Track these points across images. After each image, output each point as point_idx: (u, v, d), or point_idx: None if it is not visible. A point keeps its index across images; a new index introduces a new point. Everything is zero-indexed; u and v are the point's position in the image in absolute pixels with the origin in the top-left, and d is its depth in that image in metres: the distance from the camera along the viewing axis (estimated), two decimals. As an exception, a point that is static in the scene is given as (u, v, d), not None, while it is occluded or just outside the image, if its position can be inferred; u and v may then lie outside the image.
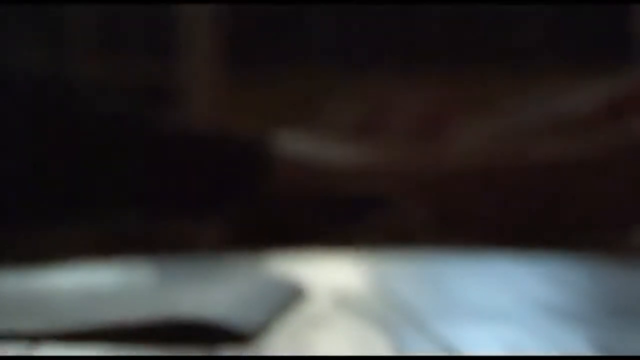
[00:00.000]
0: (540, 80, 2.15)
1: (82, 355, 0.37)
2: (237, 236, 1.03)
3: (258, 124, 1.54)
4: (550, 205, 1.03)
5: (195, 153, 1.08)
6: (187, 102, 2.72)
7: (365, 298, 0.71)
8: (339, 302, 0.68)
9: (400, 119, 1.21)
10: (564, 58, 2.82)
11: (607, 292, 0.77)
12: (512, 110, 1.20)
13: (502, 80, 2.46)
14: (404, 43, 3.14)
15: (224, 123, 2.17)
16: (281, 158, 1.03)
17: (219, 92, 2.78)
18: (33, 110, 1.29)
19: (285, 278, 0.73)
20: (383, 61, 2.83)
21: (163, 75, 2.83)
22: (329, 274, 0.83)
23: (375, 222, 1.04)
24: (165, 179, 1.05)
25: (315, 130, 1.16)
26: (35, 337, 0.50)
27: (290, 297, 0.65)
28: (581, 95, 1.10)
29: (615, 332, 0.54)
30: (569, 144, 1.05)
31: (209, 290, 0.66)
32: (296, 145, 1.06)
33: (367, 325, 0.56)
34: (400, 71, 2.53)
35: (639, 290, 0.77)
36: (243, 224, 1.04)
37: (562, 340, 0.51)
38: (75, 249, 1.07)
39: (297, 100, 2.43)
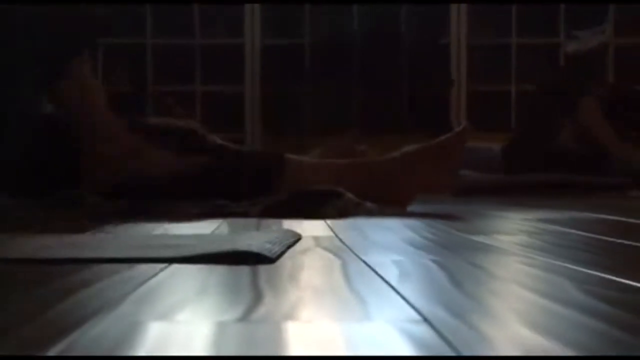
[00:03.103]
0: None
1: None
2: (267, 211, 1.40)
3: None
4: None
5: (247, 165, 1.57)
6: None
7: (328, 240, 1.00)
8: (315, 242, 0.98)
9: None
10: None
11: (437, 236, 1.05)
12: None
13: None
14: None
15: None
16: (288, 171, 1.51)
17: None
18: None
19: (291, 230, 1.05)
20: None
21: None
22: (311, 229, 1.15)
23: (333, 204, 1.42)
24: (236, 183, 1.51)
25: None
26: (169, 260, 0.75)
27: (293, 239, 0.95)
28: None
29: (440, 255, 0.85)
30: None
31: (254, 236, 0.94)
32: (295, 164, 1.56)
33: (328, 253, 0.87)
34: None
35: (452, 236, 1.06)
36: (270, 205, 1.43)
37: (418, 257, 0.82)
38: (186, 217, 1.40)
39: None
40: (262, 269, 0.72)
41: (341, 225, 1.24)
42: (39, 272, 0.71)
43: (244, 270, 0.71)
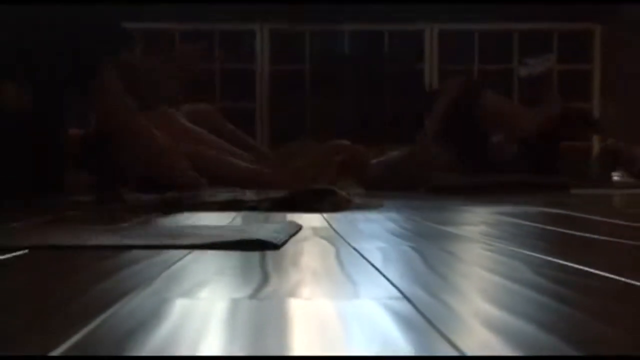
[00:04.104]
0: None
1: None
2: (274, 206, 1.39)
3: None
4: None
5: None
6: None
7: (324, 230, 1.00)
8: (313, 231, 0.98)
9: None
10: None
11: (414, 227, 1.04)
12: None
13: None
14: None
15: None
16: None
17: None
18: None
19: (293, 222, 1.05)
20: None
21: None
22: (310, 221, 1.15)
23: (328, 200, 1.42)
24: None
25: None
26: (192, 247, 0.76)
27: (295, 229, 0.96)
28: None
29: (417, 242, 0.84)
30: None
31: (263, 227, 0.95)
32: None
33: (324, 241, 0.87)
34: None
35: (426, 227, 1.04)
36: (276, 201, 1.42)
37: (398, 244, 0.82)
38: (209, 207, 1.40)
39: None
40: (269, 254, 0.72)
41: (335, 218, 1.24)
42: (84, 257, 0.71)
43: (254, 255, 0.71)
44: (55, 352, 0.33)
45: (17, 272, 0.63)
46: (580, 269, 0.61)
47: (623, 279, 0.56)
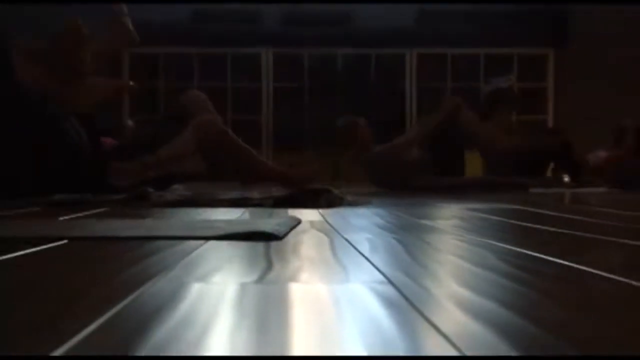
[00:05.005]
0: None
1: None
2: (277, 203, 1.38)
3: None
4: None
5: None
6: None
7: (320, 224, 1.00)
8: (311, 225, 0.98)
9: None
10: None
11: (396, 220, 1.03)
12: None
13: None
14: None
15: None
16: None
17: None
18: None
19: (294, 217, 1.04)
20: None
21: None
22: (308, 216, 1.15)
23: (324, 198, 1.41)
24: None
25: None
26: (206, 238, 0.75)
27: (295, 223, 0.95)
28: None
29: (399, 234, 0.85)
30: None
31: (268, 221, 0.94)
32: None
33: (320, 233, 0.87)
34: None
35: (407, 220, 1.03)
36: (279, 198, 1.40)
37: (383, 236, 0.81)
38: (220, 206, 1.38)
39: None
40: (273, 244, 0.71)
41: (329, 213, 1.23)
42: (115, 246, 0.71)
43: (260, 245, 0.70)
44: (92, 327, 0.33)
45: (56, 259, 0.62)
46: (536, 256, 0.61)
47: (567, 263, 0.56)
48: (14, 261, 0.59)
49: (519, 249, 0.67)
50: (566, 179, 3.74)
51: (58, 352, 0.29)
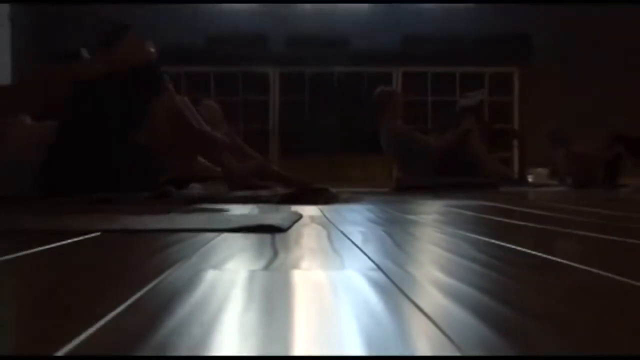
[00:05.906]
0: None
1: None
2: (282, 200, 1.37)
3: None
4: None
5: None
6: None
7: (319, 218, 0.99)
8: (311, 219, 0.97)
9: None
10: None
11: (386, 215, 1.02)
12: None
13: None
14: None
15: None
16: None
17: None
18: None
19: (296, 212, 1.04)
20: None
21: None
22: (309, 211, 1.13)
23: (323, 196, 1.40)
24: None
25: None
26: (221, 230, 0.74)
27: (297, 217, 0.95)
28: None
29: (388, 227, 0.83)
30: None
31: (274, 216, 0.94)
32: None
33: (319, 226, 0.86)
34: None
35: (395, 215, 1.02)
36: (284, 196, 1.39)
37: (374, 229, 0.79)
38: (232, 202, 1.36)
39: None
40: (278, 236, 0.70)
41: (327, 209, 1.22)
42: (142, 238, 0.70)
43: (267, 236, 0.69)
44: (122, 307, 0.32)
45: (88, 249, 0.61)
46: (508, 247, 0.60)
47: (537, 253, 0.55)
48: (59, 250, 0.58)
49: (491, 240, 0.66)
50: (530, 178, 3.74)
51: (93, 329, 0.28)
